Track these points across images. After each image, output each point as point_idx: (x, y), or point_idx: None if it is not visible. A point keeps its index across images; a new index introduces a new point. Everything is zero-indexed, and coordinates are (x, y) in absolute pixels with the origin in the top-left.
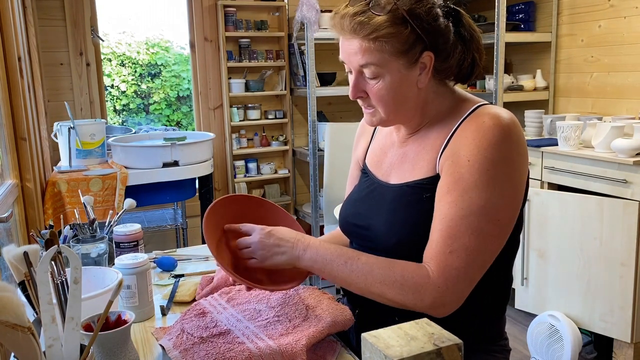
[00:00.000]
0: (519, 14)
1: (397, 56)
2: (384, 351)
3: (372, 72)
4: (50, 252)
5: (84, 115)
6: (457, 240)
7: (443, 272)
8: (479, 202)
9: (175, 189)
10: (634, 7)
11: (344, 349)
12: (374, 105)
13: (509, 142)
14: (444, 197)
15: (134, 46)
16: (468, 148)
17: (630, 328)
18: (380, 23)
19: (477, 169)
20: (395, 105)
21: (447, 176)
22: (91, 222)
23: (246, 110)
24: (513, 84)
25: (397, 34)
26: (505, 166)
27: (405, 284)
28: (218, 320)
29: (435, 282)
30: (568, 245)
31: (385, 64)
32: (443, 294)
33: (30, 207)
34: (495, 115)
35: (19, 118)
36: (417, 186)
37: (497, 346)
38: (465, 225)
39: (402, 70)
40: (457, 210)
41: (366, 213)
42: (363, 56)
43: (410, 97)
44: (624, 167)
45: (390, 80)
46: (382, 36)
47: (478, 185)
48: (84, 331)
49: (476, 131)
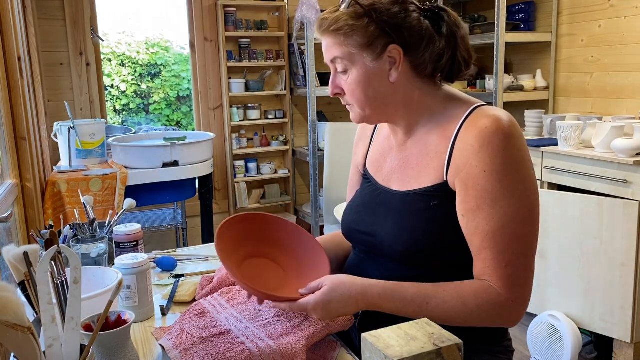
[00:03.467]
0: (519, 14)
1: (360, 49)
2: (384, 351)
3: (341, 67)
4: (50, 252)
5: (84, 115)
6: (507, 253)
7: (508, 287)
8: (512, 209)
9: (175, 189)
10: (634, 7)
11: (344, 349)
12: (349, 100)
13: (514, 142)
14: (475, 212)
15: (134, 46)
16: (479, 157)
17: (630, 328)
18: (339, 17)
19: (497, 179)
20: (367, 100)
21: (469, 190)
22: (91, 222)
23: (246, 110)
24: (513, 84)
25: (358, 27)
26: (519, 167)
27: (482, 311)
28: (218, 320)
29: (507, 298)
30: (568, 245)
31: (351, 58)
32: (517, 307)
33: (30, 207)
34: (495, 118)
35: (19, 118)
36: (424, 194)
37: (500, 347)
38: (508, 235)
39: (369, 64)
40: (496, 223)
41: (371, 220)
42: (329, 51)
43: (384, 92)
44: (624, 167)
45: (357, 74)
46: (341, 28)
47: (504, 194)
48: (84, 331)
49: (480, 138)
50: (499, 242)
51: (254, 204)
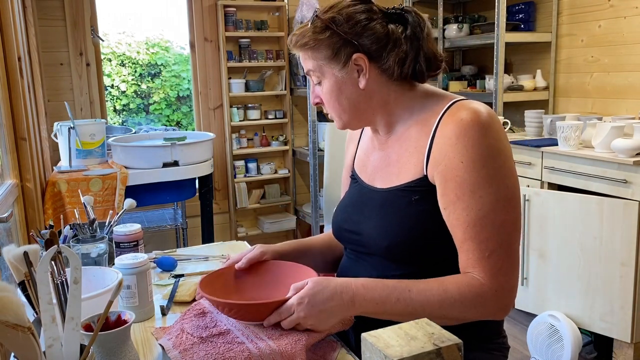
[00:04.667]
0: (519, 14)
1: (327, 61)
2: (384, 351)
3: (315, 78)
4: (50, 252)
5: (84, 115)
6: (489, 242)
7: (492, 276)
8: (490, 198)
9: (175, 189)
10: (634, 7)
11: (344, 349)
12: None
13: (491, 133)
14: (455, 204)
15: (134, 46)
16: (455, 149)
17: (630, 328)
18: (305, 32)
19: (474, 168)
20: (342, 108)
21: (448, 182)
22: (91, 222)
23: (246, 110)
24: (513, 84)
25: (321, 40)
26: (495, 156)
27: (464, 300)
28: (218, 320)
29: (490, 287)
30: (568, 245)
31: (320, 69)
32: (502, 296)
33: (30, 207)
34: (473, 110)
35: (19, 118)
36: (405, 189)
37: (494, 344)
38: (488, 224)
39: (337, 74)
40: (475, 212)
41: (357, 218)
42: (303, 64)
43: (357, 99)
44: (624, 167)
45: (329, 84)
46: (307, 43)
47: (482, 184)
48: (84, 331)
49: (457, 130)
50: (479, 232)
51: (254, 204)
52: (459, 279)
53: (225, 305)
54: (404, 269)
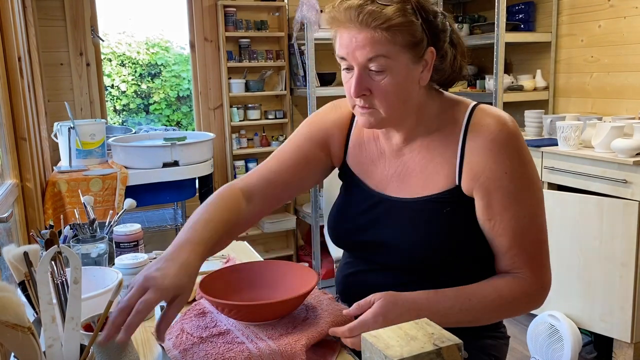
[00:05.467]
0: (519, 14)
1: (407, 49)
2: (384, 351)
3: (379, 66)
4: (50, 252)
5: (84, 115)
6: (534, 244)
7: (539, 275)
8: (532, 202)
9: (175, 189)
10: (634, 7)
11: (344, 349)
12: (375, 103)
13: (521, 139)
14: (502, 214)
15: (134, 46)
16: (497, 160)
17: (630, 328)
18: (394, 12)
19: (517, 177)
20: (398, 103)
21: (492, 193)
22: (91, 222)
23: (246, 110)
24: (513, 84)
25: (409, 24)
26: (530, 161)
27: (518, 302)
28: (218, 320)
29: (538, 285)
30: (568, 245)
31: (395, 56)
32: (547, 290)
33: (30, 207)
34: (499, 119)
35: (19, 118)
36: (436, 201)
37: (499, 332)
38: (533, 228)
39: (409, 65)
40: (522, 220)
41: (374, 229)
42: (373, 48)
43: (413, 96)
44: (624, 167)
45: (397, 75)
46: (395, 25)
47: (524, 191)
48: (83, 331)
49: (496, 142)
50: (526, 237)
51: None
52: (509, 282)
53: (225, 306)
54: (424, 280)
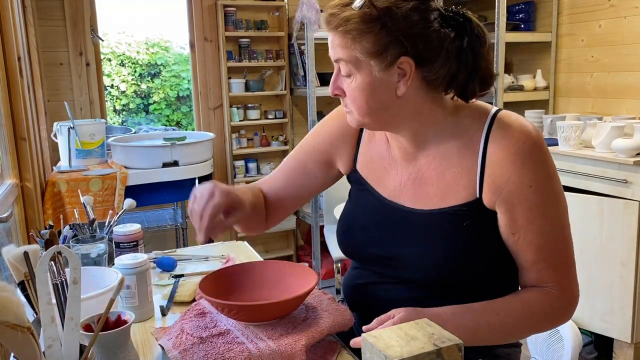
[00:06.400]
0: (519, 14)
1: (368, 56)
2: (384, 351)
3: (345, 69)
4: (50, 252)
5: (84, 115)
6: (560, 257)
7: (566, 288)
8: (558, 215)
9: (175, 189)
10: (634, 7)
11: (344, 349)
12: (348, 104)
13: (546, 150)
14: (527, 228)
15: (134, 46)
16: (521, 172)
17: (630, 328)
18: (349, 17)
19: (542, 190)
20: (369, 109)
21: (516, 207)
22: (91, 222)
23: (246, 110)
24: (513, 84)
25: (367, 31)
26: (555, 173)
27: (548, 317)
28: (218, 320)
29: (566, 298)
30: None
31: (356, 62)
32: (575, 302)
33: (30, 207)
34: (522, 129)
35: (19, 118)
36: (455, 213)
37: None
38: (559, 241)
39: (376, 73)
40: (548, 233)
41: (387, 240)
42: (335, 51)
43: (389, 104)
44: (624, 167)
45: (361, 81)
46: (350, 32)
47: (550, 204)
48: (83, 331)
49: (517, 154)
50: (552, 250)
51: None
52: (537, 296)
53: (225, 306)
54: (440, 296)
